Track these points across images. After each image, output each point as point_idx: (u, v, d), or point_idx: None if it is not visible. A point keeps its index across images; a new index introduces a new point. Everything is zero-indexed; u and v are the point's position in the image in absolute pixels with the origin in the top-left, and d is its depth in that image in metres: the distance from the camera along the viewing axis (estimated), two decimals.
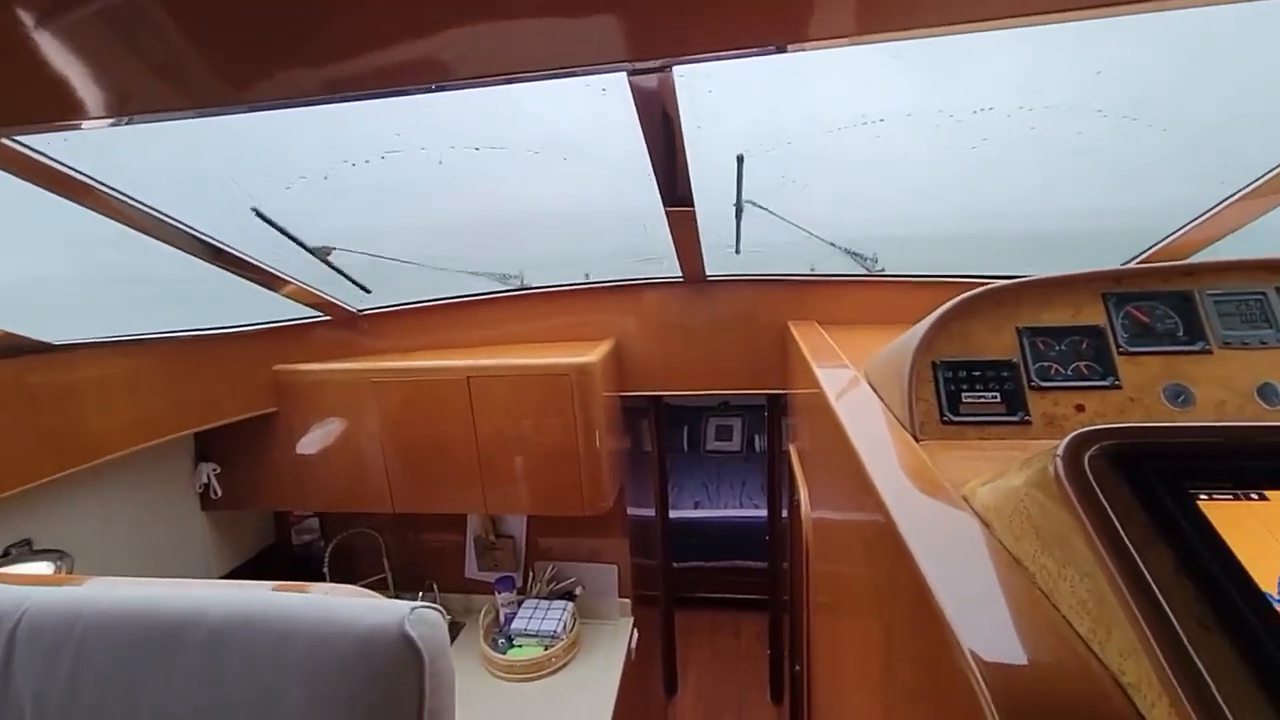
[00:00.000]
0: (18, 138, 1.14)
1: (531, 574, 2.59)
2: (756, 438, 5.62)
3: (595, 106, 1.45)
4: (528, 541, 2.63)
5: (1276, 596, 0.45)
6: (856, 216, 2.07)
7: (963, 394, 1.06)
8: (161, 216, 1.53)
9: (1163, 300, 1.07)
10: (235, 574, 2.45)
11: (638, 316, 2.36)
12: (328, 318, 2.33)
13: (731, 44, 0.83)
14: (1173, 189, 1.62)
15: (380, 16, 0.78)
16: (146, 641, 0.94)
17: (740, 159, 1.57)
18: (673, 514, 3.60)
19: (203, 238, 1.66)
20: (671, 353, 2.38)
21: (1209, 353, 1.02)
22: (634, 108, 1.21)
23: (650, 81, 1.12)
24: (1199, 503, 0.51)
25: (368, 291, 2.27)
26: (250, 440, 2.26)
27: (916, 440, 1.02)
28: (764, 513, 4.06)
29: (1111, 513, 0.51)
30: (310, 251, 1.94)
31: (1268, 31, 1.18)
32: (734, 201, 1.75)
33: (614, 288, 2.35)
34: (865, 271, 2.15)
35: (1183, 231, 1.54)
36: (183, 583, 1.02)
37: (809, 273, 2.23)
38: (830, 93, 1.44)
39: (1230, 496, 0.52)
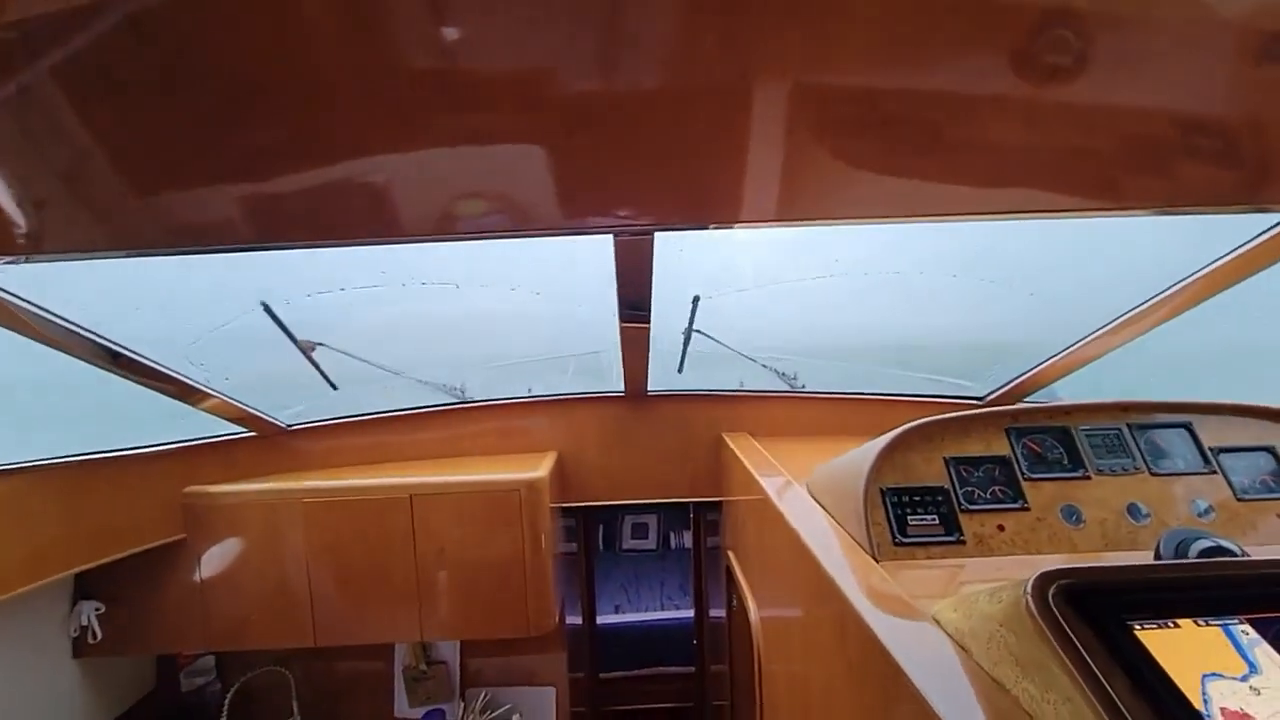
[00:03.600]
0: None
1: (463, 704, 2.42)
2: (671, 535, 5.66)
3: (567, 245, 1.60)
4: (460, 666, 2.48)
5: (1205, 712, 0.60)
6: (776, 341, 2.33)
7: (908, 518, 1.23)
8: (50, 317, 1.34)
9: (1050, 434, 1.33)
10: None
11: (579, 429, 2.44)
12: (251, 434, 2.20)
13: (698, 220, 1.03)
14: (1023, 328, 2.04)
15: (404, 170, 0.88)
16: None
17: (696, 299, 1.76)
18: (598, 620, 3.51)
19: (103, 342, 1.49)
20: (612, 464, 2.46)
21: (1088, 478, 1.27)
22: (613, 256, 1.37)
23: (633, 241, 1.28)
24: (1136, 633, 0.67)
25: (335, 388, 2.18)
26: (146, 573, 2.01)
27: (876, 560, 1.16)
28: (685, 613, 4.05)
29: (1081, 646, 0.65)
30: (297, 344, 1.88)
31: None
32: (684, 330, 1.93)
33: (558, 401, 2.42)
34: (789, 388, 2.40)
35: (1048, 362, 1.89)
36: None
37: (739, 388, 2.43)
38: (760, 254, 1.72)
39: (1156, 625, 0.68)
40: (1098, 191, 0.99)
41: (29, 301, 1.28)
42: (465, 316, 2.26)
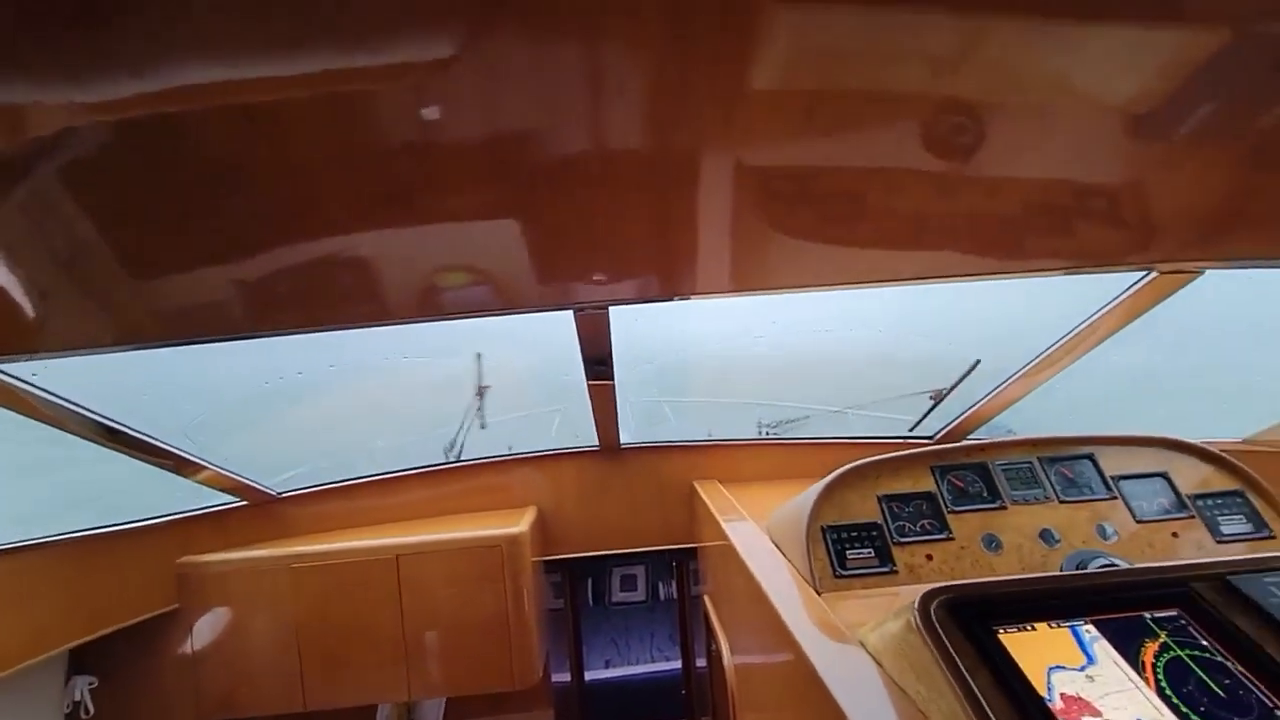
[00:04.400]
0: None
1: None
2: (660, 585, 5.66)
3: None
4: None
5: (1047, 697, 0.74)
6: (742, 392, 2.49)
7: (847, 552, 1.37)
8: (49, 397, 1.42)
9: (970, 470, 1.48)
10: None
11: (559, 484, 2.55)
12: (242, 503, 2.29)
13: (655, 295, 1.18)
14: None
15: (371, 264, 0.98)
16: None
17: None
18: (587, 676, 3.51)
19: (100, 419, 1.57)
20: (590, 516, 2.56)
21: (1004, 508, 1.42)
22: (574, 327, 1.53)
23: (591, 315, 1.45)
24: (1000, 636, 0.81)
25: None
26: (140, 645, 2.07)
27: (818, 593, 1.29)
28: (674, 664, 4.05)
29: (952, 649, 0.79)
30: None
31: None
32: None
33: (537, 458, 2.54)
34: (755, 436, 2.55)
35: (981, 403, 2.07)
36: None
37: (708, 438, 2.58)
38: (716, 323, 1.88)
39: (1016, 629, 0.83)
40: (1007, 254, 1.14)
41: (26, 381, 1.35)
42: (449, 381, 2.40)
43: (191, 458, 1.93)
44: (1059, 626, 0.83)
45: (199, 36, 0.57)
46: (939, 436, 2.31)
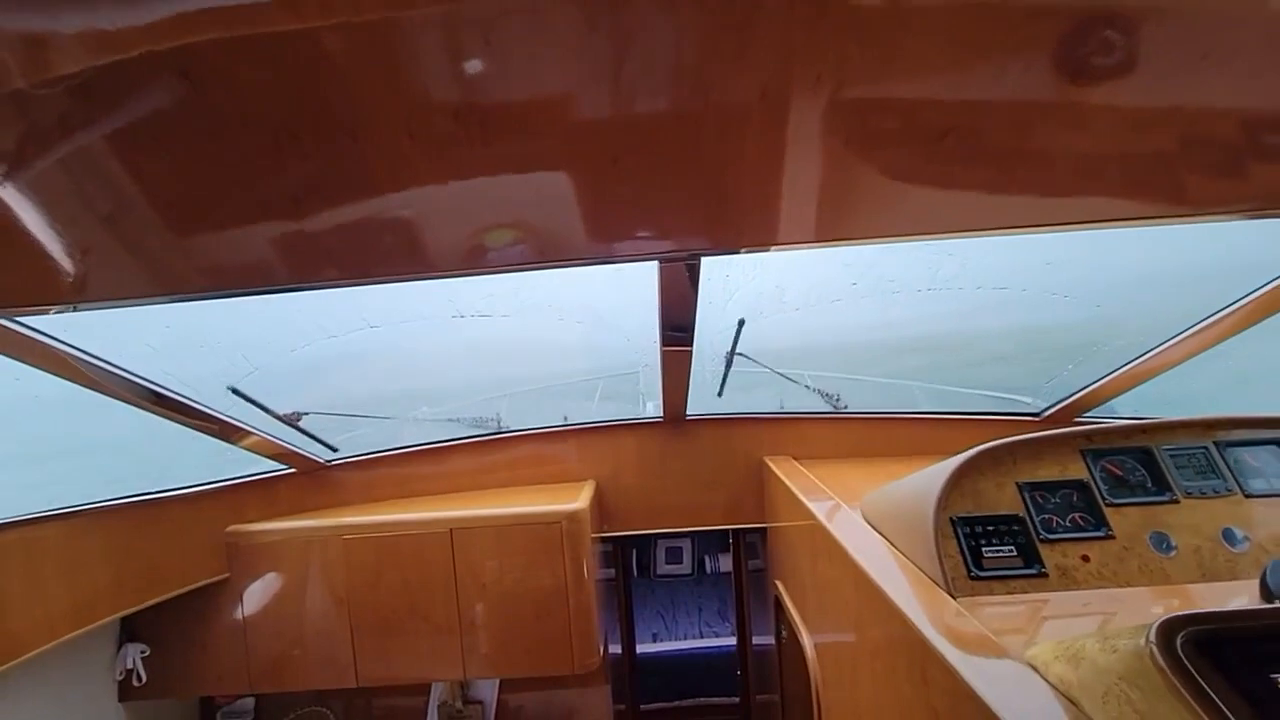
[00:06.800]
0: None
1: None
2: (706, 559, 5.54)
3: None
4: (498, 704, 2.42)
5: None
6: (818, 360, 2.28)
7: (983, 549, 1.16)
8: (95, 361, 1.35)
9: (1130, 455, 1.25)
10: None
11: (617, 457, 2.39)
12: (291, 470, 2.19)
13: (740, 245, 1.02)
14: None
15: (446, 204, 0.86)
16: None
17: (741, 322, 1.72)
18: (638, 649, 3.42)
19: (146, 383, 1.49)
20: (651, 492, 2.40)
21: (1176, 502, 1.18)
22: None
23: (677, 266, 1.25)
24: None
25: (334, 450, 2.18)
26: (191, 614, 2.01)
27: (953, 596, 1.09)
28: (725, 641, 3.94)
29: (1224, 707, 0.58)
30: (280, 419, 1.87)
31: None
32: (726, 353, 1.88)
33: (594, 429, 2.38)
34: (831, 409, 2.32)
35: (1111, 376, 1.80)
36: None
37: (780, 410, 2.37)
38: (805, 273, 1.68)
39: None
40: (1165, 196, 0.94)
41: (73, 346, 1.29)
42: (504, 343, 2.25)
43: (237, 423, 1.83)
44: None
45: None
46: (1048, 415, 2.05)
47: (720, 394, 2.18)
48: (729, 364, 1.95)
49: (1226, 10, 0.62)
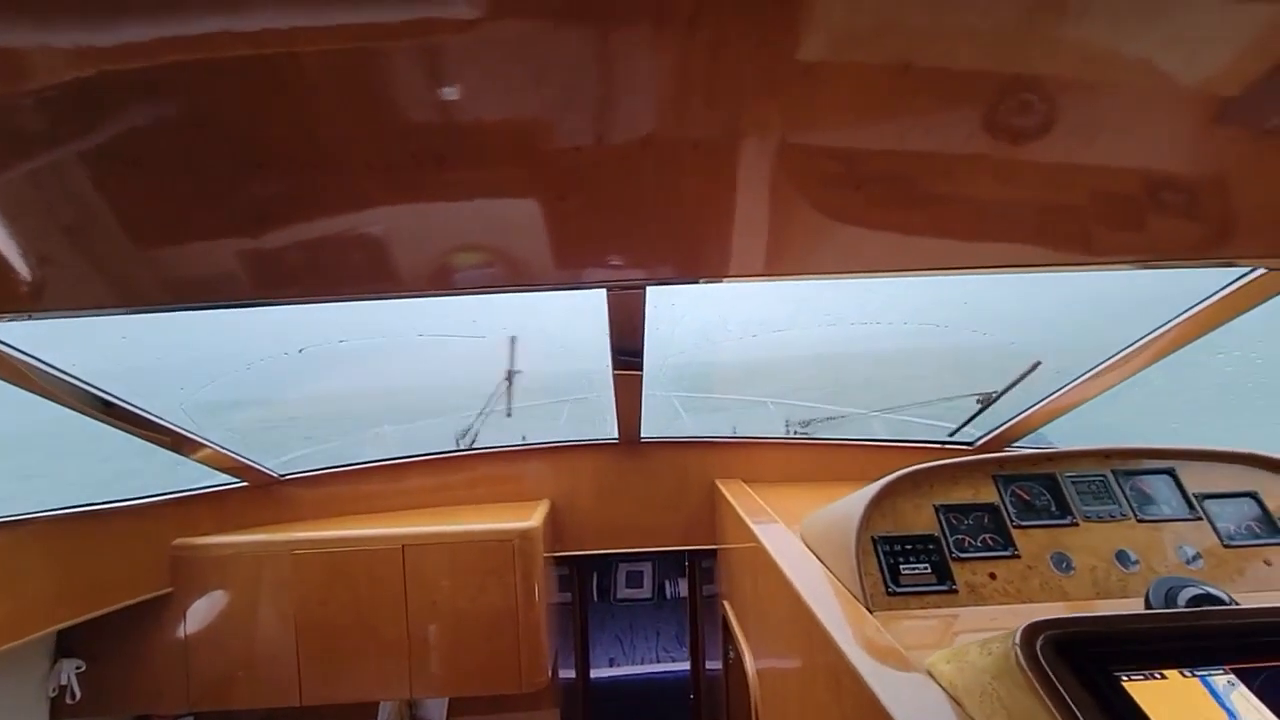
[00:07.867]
0: None
1: None
2: (667, 583, 5.54)
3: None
4: None
5: None
6: (769, 388, 2.36)
7: (901, 567, 1.24)
8: (46, 368, 1.33)
9: (1036, 481, 1.35)
10: None
11: (573, 477, 2.43)
12: (243, 484, 2.18)
13: (691, 275, 1.07)
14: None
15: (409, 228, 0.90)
16: None
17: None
18: (591, 674, 3.41)
19: (93, 391, 1.47)
20: (605, 512, 2.44)
21: (1076, 525, 1.29)
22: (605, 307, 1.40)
23: (625, 294, 1.33)
24: (1124, 685, 0.68)
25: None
26: (131, 629, 1.96)
27: (870, 611, 1.16)
28: (681, 665, 3.94)
29: (1071, 701, 0.66)
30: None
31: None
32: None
33: (551, 449, 2.42)
34: (782, 434, 2.41)
35: (1035, 408, 1.92)
36: None
37: (732, 435, 2.45)
38: (753, 304, 1.77)
39: (1143, 676, 0.69)
40: (1074, 246, 1.03)
41: (22, 351, 1.28)
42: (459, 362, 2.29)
43: (190, 435, 1.82)
44: (1191, 675, 0.70)
45: None
46: (980, 444, 2.17)
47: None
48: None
49: (1132, 84, 0.70)
